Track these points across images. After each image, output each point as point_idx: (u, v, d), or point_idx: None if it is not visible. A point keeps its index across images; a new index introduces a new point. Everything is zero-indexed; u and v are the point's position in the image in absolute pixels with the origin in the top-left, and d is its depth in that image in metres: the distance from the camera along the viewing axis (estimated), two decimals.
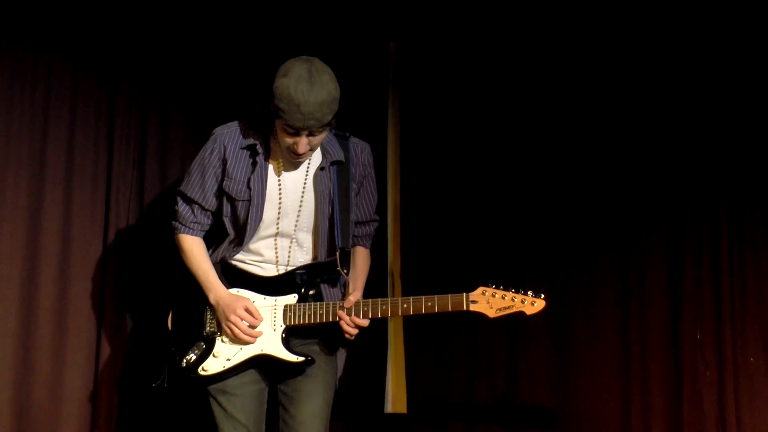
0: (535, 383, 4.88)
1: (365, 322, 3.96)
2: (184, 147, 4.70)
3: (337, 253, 4.00)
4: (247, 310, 3.98)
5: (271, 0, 4.85)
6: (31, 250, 4.47)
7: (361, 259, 4.18)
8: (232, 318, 3.97)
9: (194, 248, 4.08)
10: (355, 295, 3.99)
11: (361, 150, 4.12)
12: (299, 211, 4.03)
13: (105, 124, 4.62)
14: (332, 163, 4.04)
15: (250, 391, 4.03)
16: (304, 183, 4.03)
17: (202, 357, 4.01)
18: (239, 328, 3.97)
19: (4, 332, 4.42)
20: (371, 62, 5.02)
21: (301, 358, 3.99)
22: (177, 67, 4.74)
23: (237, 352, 4.00)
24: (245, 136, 4.02)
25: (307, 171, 4.03)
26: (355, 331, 3.98)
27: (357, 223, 4.17)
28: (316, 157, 4.03)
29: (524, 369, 4.91)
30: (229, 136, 4.02)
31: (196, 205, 4.06)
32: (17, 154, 4.47)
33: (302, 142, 3.84)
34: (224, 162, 4.01)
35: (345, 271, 4.01)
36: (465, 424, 4.95)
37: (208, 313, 4.05)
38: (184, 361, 4.01)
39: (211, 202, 4.06)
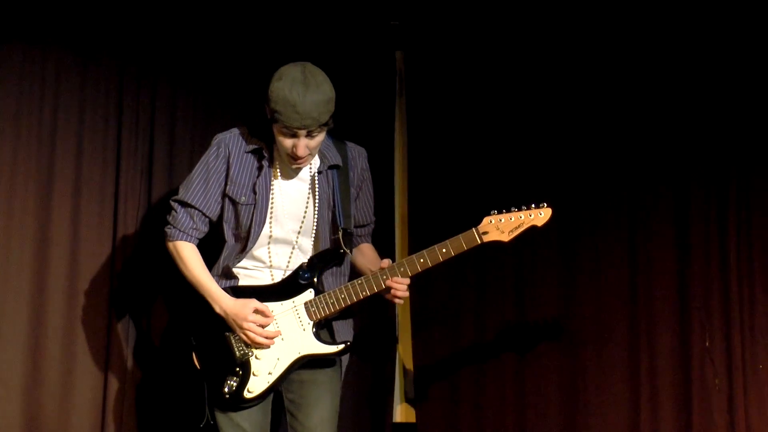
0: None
1: (405, 280, 3.99)
2: (191, 158, 4.69)
3: (340, 233, 4.02)
4: (257, 311, 3.98)
5: (277, 10, 4.87)
6: (39, 261, 4.49)
7: (369, 249, 4.26)
8: (246, 325, 3.96)
9: (193, 256, 4.06)
10: (385, 261, 4.03)
11: (358, 153, 4.15)
12: (304, 217, 4.04)
13: (113, 134, 4.64)
14: (330, 167, 4.05)
15: None
16: (309, 188, 4.04)
17: (243, 380, 3.98)
18: (256, 333, 3.96)
19: (14, 343, 4.44)
20: (378, 72, 5.03)
21: (341, 346, 4.02)
22: (185, 79, 4.77)
23: (276, 363, 3.99)
24: (248, 141, 4.04)
25: (310, 176, 4.05)
26: (404, 294, 4.01)
27: (358, 226, 4.20)
28: (315, 162, 4.05)
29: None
30: (232, 141, 4.04)
31: (197, 212, 4.04)
32: (26, 164, 4.49)
33: (301, 144, 3.86)
34: (228, 167, 4.03)
35: (349, 249, 4.03)
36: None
37: (232, 337, 4.02)
38: (226, 390, 3.98)
39: (212, 209, 4.05)
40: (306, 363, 4.01)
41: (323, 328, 4.06)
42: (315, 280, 4.02)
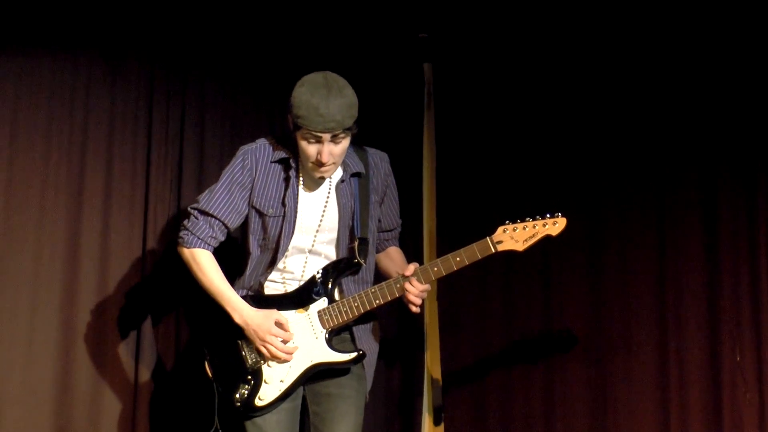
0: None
1: (426, 286, 3.98)
2: (220, 168, 4.63)
3: (356, 243, 4.01)
4: (278, 324, 3.97)
5: (307, 22, 4.90)
6: (70, 272, 4.54)
7: (397, 253, 4.25)
8: (268, 338, 3.94)
9: (211, 264, 4.02)
10: (413, 264, 4.01)
11: (380, 159, 4.14)
12: (320, 225, 4.03)
13: (143, 145, 4.69)
14: (352, 175, 4.05)
15: (284, 409, 4.00)
16: (327, 197, 4.03)
17: (255, 389, 3.97)
18: (276, 347, 3.95)
19: (45, 354, 4.49)
20: (406, 83, 5.04)
21: (354, 354, 3.99)
22: (214, 89, 4.81)
23: (287, 371, 3.97)
24: (275, 150, 4.04)
25: (329, 186, 4.04)
26: (419, 301, 3.99)
27: (385, 230, 4.21)
28: (337, 172, 4.04)
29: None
30: (259, 151, 4.04)
31: (217, 221, 4.01)
32: (56, 175, 4.54)
33: (325, 150, 3.86)
34: (253, 178, 4.02)
35: (363, 259, 4.02)
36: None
37: (244, 345, 4.01)
38: (237, 398, 3.97)
39: (233, 221, 4.03)
40: (327, 373, 4.00)
41: (338, 336, 4.05)
42: (329, 287, 4.01)
